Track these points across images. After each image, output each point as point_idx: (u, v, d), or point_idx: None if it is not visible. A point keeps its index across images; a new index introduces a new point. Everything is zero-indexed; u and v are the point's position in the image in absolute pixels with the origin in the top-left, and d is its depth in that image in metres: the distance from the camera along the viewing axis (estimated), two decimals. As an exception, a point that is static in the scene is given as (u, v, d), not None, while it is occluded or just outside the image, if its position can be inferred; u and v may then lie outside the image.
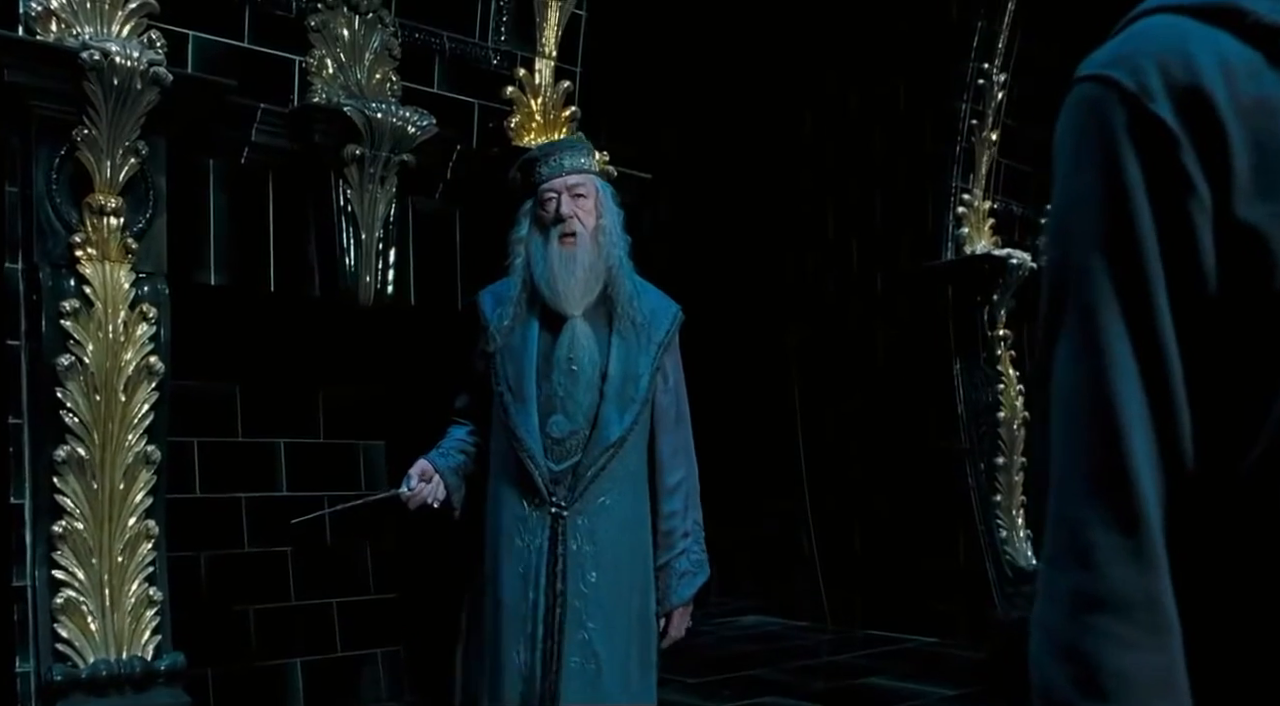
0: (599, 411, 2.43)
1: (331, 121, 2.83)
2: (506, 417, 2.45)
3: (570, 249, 2.44)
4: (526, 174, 2.62)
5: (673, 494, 2.54)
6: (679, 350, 2.61)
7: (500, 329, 2.49)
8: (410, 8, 3.17)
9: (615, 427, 2.43)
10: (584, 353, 2.43)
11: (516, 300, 2.51)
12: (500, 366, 2.49)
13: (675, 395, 2.57)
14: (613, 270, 2.49)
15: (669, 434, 2.54)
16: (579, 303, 2.44)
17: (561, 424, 2.41)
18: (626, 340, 2.48)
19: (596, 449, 2.41)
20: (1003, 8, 4.97)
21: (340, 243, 2.92)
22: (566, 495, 2.41)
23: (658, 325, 2.53)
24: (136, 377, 2.38)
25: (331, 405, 3.40)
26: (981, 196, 5.09)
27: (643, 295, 2.55)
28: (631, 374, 2.46)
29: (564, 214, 2.45)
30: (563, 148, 2.61)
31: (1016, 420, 4.93)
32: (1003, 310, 4.97)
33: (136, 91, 2.36)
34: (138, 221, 2.45)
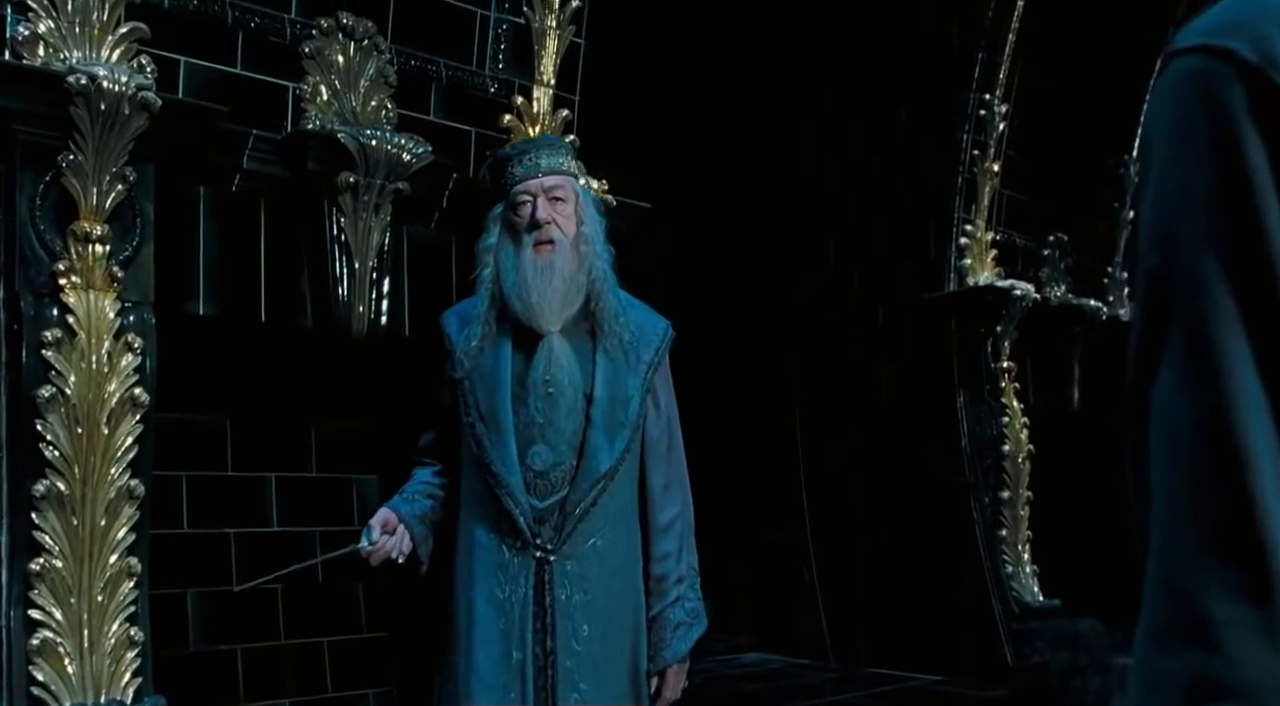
0: (585, 439, 2.15)
1: (325, 148, 2.77)
2: (480, 451, 2.17)
3: (546, 257, 2.18)
4: (497, 174, 2.34)
5: (665, 533, 2.26)
6: (670, 371, 2.34)
7: (467, 351, 2.22)
8: (407, 35, 3.13)
9: (605, 456, 2.15)
10: (563, 372, 2.15)
11: (484, 318, 2.24)
12: (469, 393, 2.21)
13: (667, 421, 2.30)
14: (595, 282, 2.22)
15: (661, 465, 2.27)
16: (556, 317, 2.17)
17: (544, 455, 2.13)
18: (613, 359, 2.21)
19: (585, 482, 2.14)
20: (1004, 39, 4.94)
21: (333, 272, 2.86)
22: (553, 536, 2.12)
23: (646, 343, 2.27)
24: (120, 410, 2.31)
25: (324, 438, 3.32)
26: (984, 227, 5.04)
27: (629, 310, 2.30)
28: (620, 396, 2.20)
29: (540, 219, 2.18)
30: (539, 145, 2.34)
31: (1021, 453, 4.87)
32: (1006, 342, 4.92)
33: (124, 116, 2.30)
34: (124, 249, 2.39)
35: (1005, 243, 5.19)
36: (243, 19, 2.79)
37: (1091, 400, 5.60)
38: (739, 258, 5.86)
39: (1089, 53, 5.43)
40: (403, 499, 2.27)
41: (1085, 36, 5.36)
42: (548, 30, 3.37)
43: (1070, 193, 5.73)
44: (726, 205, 5.90)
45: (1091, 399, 5.60)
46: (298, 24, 2.89)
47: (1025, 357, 5.11)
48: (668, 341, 2.33)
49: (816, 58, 5.28)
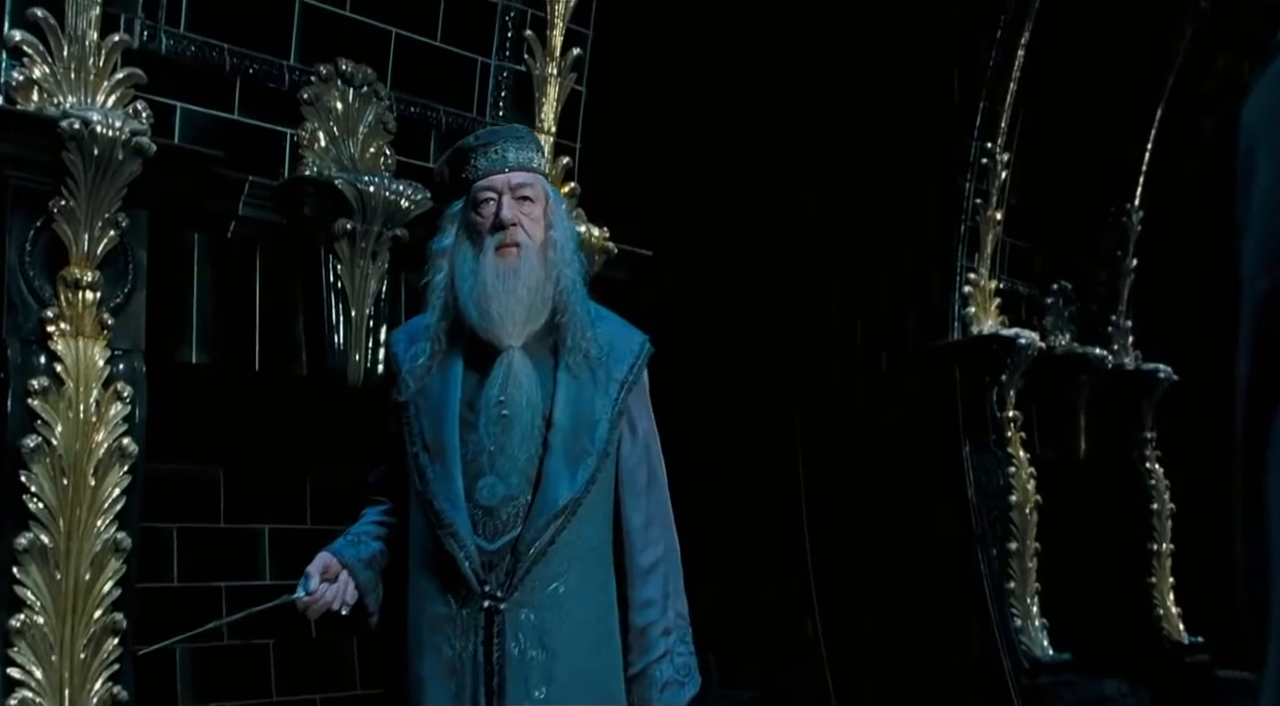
0: (542, 468, 1.88)
1: (322, 194, 2.75)
2: (422, 484, 1.91)
3: (510, 262, 1.91)
4: (457, 167, 2.05)
5: (647, 578, 1.98)
6: (649, 392, 2.06)
7: (413, 371, 1.96)
8: (406, 81, 3.11)
9: (565, 488, 1.87)
10: (520, 392, 1.88)
11: (433, 331, 1.96)
12: (414, 419, 1.95)
13: (646, 449, 2.02)
14: (564, 293, 1.95)
15: (639, 499, 1.99)
16: (519, 330, 1.90)
17: (493, 488, 1.86)
18: (578, 377, 1.94)
19: (541, 517, 1.85)
20: (1005, 87, 4.94)
21: (329, 320, 2.82)
22: (503, 582, 1.84)
23: (619, 359, 2.00)
24: (108, 460, 2.25)
25: (319, 489, 3.26)
26: (987, 275, 5.01)
27: (600, 323, 2.03)
28: (585, 419, 1.92)
29: (505, 218, 1.92)
30: (506, 137, 2.03)
31: (1028, 504, 4.80)
32: (1012, 391, 4.87)
33: (118, 162, 2.27)
34: (115, 296, 2.35)
35: (1009, 291, 5.16)
36: (241, 65, 2.78)
37: (1098, 450, 5.54)
38: (740, 306, 5.83)
39: (1090, 101, 5.44)
40: (347, 541, 2.01)
41: (1086, 85, 5.37)
42: (548, 78, 3.36)
43: (1073, 241, 5.71)
44: (728, 253, 5.88)
45: (1098, 448, 5.54)
46: (296, 70, 2.88)
47: (1031, 407, 5.05)
48: (645, 357, 2.05)
49: (818, 105, 5.28)
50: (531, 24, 3.34)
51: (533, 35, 3.32)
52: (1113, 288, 5.87)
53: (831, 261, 5.46)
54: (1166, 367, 5.76)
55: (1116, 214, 5.84)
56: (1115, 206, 5.83)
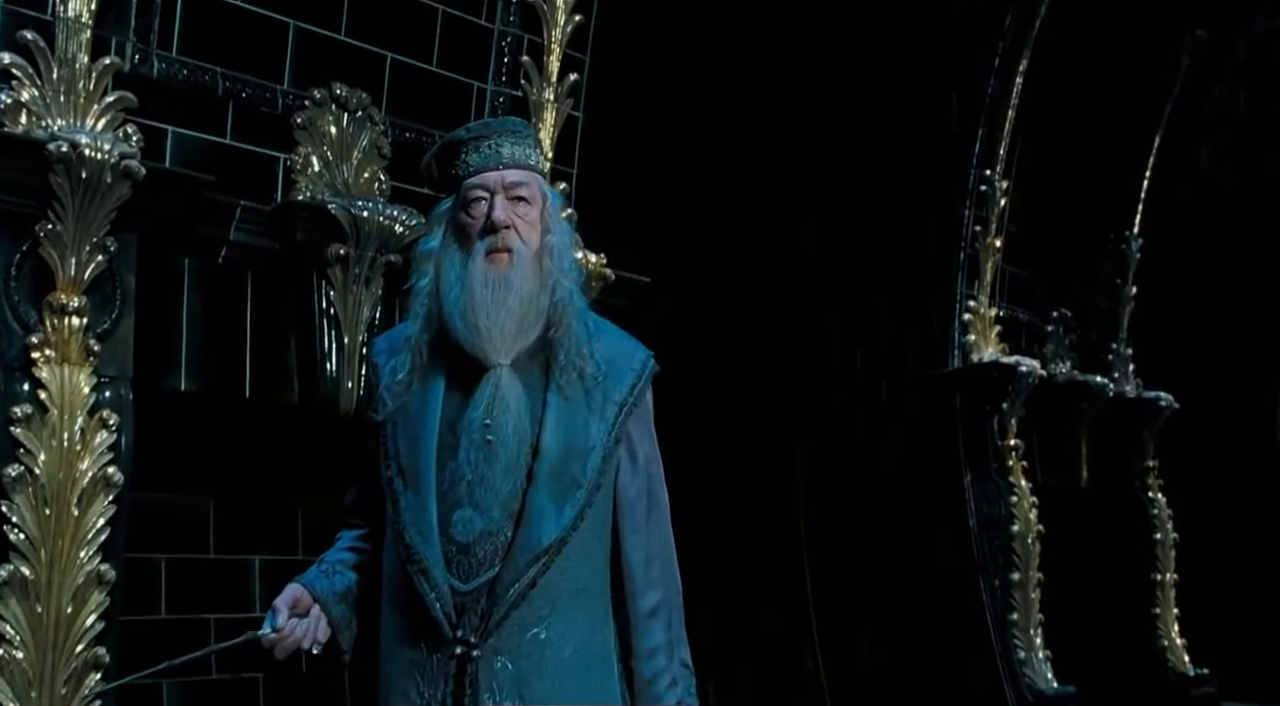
0: (526, 501, 1.71)
1: (315, 219, 2.71)
2: (395, 513, 1.75)
3: (501, 270, 1.74)
4: (446, 163, 1.88)
5: (650, 623, 1.82)
6: (652, 415, 1.89)
7: (392, 387, 1.80)
8: (401, 106, 3.09)
9: (550, 525, 1.71)
10: (508, 416, 1.71)
11: (414, 343, 1.79)
12: (390, 440, 1.80)
13: (647, 478, 1.85)
14: (560, 305, 1.78)
15: (639, 534, 1.82)
16: (509, 346, 1.73)
17: (470, 522, 1.70)
18: (570, 399, 1.78)
19: (522, 557, 1.69)
20: (1004, 115, 4.93)
21: (321, 346, 2.78)
22: (477, 626, 1.68)
23: (618, 378, 1.83)
24: (92, 490, 2.20)
25: (311, 519, 3.20)
26: (987, 303, 4.98)
27: (598, 338, 1.85)
28: (577, 447, 1.76)
29: (497, 219, 1.76)
30: (500, 130, 1.87)
31: (1031, 534, 4.75)
32: (1013, 419, 4.84)
33: (106, 185, 2.24)
34: (102, 322, 2.30)
35: (1009, 318, 5.13)
36: (234, 89, 2.75)
37: (1100, 478, 5.49)
38: (740, 334, 5.79)
39: (1088, 129, 5.43)
40: (320, 572, 1.84)
41: (1084, 113, 5.36)
42: (545, 103, 3.33)
43: (1072, 269, 5.69)
44: (727, 281, 5.85)
45: (1100, 477, 5.49)
46: (290, 94, 2.85)
47: (1031, 435, 5.01)
48: (647, 376, 1.88)
49: (817, 132, 5.27)
50: (528, 50, 3.32)
51: (529, 61, 3.30)
52: (1113, 315, 5.84)
53: (831, 289, 5.43)
54: (1168, 396, 5.72)
55: (1116, 241, 5.82)
56: (1114, 234, 5.82)
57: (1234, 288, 6.38)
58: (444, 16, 3.17)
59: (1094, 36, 5.18)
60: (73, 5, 2.38)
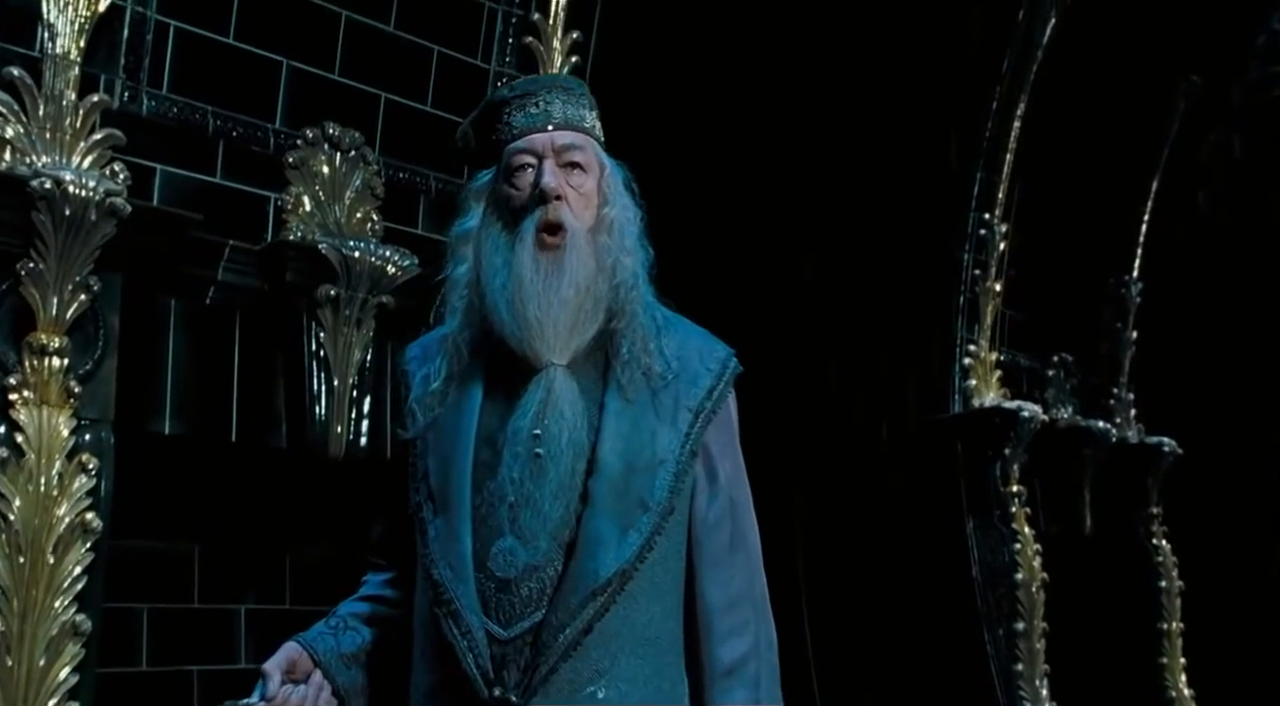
0: (581, 528, 1.42)
1: (305, 259, 2.67)
2: (424, 547, 1.48)
3: (554, 252, 1.47)
4: (486, 127, 1.59)
5: (728, 681, 1.48)
6: (736, 425, 1.65)
7: (425, 398, 1.54)
8: (395, 146, 3.06)
9: (610, 555, 1.41)
10: (561, 424, 1.43)
11: (452, 343, 1.53)
12: (420, 459, 1.54)
13: (729, 502, 1.60)
14: (622, 291, 1.51)
15: (720, 569, 1.53)
16: (564, 343, 1.46)
17: (513, 553, 1.41)
18: (633, 402, 1.49)
19: (574, 595, 1.39)
20: (1002, 158, 4.91)
21: (311, 389, 2.72)
22: (519, 682, 1.38)
23: (692, 378, 1.56)
24: (69, 536, 2.13)
25: (299, 567, 3.13)
26: (987, 347, 4.93)
27: (669, 332, 1.59)
28: (642, 461, 1.46)
29: (547, 187, 1.48)
30: (549, 86, 1.58)
31: (1035, 582, 4.66)
32: (1015, 465, 4.76)
33: (90, 223, 2.19)
34: (84, 363, 2.25)
35: (1009, 363, 5.07)
36: (224, 127, 2.72)
37: (1104, 526, 5.42)
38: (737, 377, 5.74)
39: (1088, 172, 5.42)
40: (327, 627, 1.57)
41: (1083, 156, 5.35)
42: (542, 145, 3.30)
43: (1072, 313, 5.66)
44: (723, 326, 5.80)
45: (1104, 524, 5.42)
46: (282, 134, 2.82)
47: (1034, 482, 4.94)
48: (729, 377, 1.64)
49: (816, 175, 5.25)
50: (524, 91, 3.30)
51: (525, 102, 3.27)
52: (1114, 360, 5.79)
53: (829, 333, 5.38)
54: (1171, 441, 5.66)
55: (1115, 285, 5.79)
56: (1114, 278, 5.79)
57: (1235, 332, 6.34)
58: (439, 56, 3.15)
59: (1091, 80, 5.18)
60: (61, 42, 2.35)
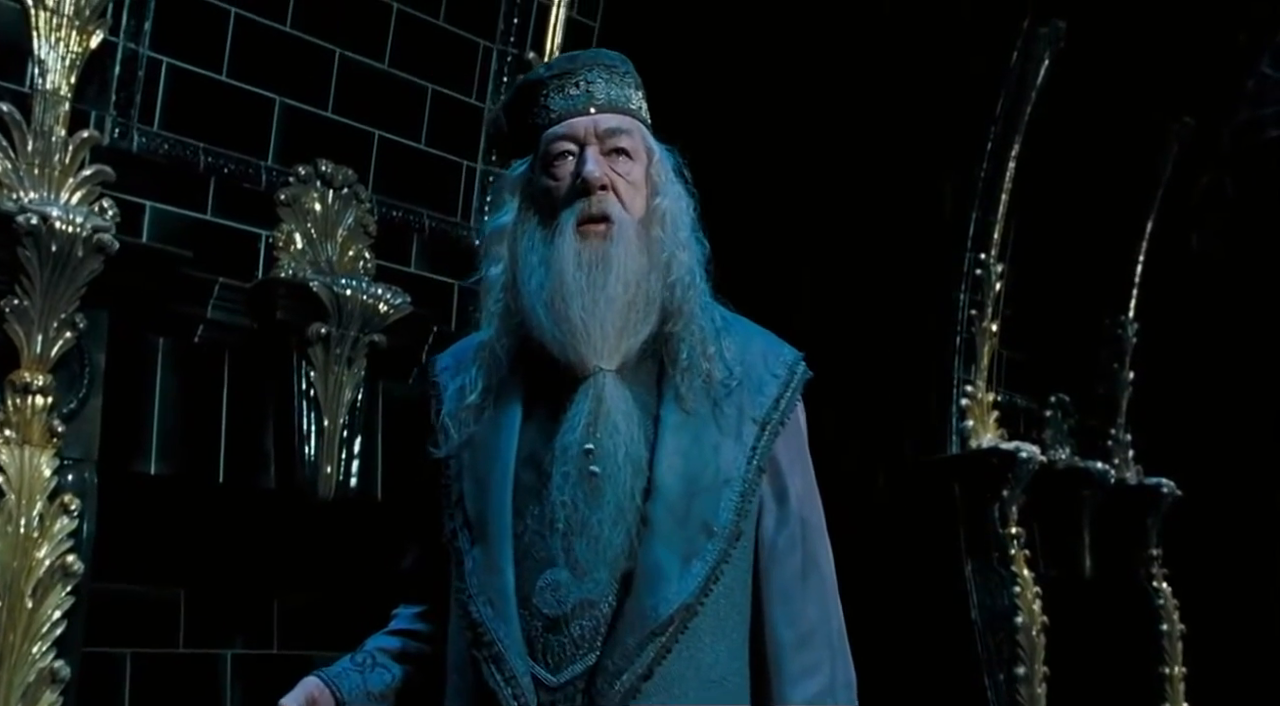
0: (638, 558, 1.27)
1: (296, 297, 2.64)
2: (459, 579, 1.33)
3: (598, 246, 1.32)
4: (520, 111, 1.44)
5: None
6: (806, 438, 1.46)
7: (459, 412, 1.38)
8: (388, 184, 3.04)
9: (672, 589, 1.26)
10: (614, 439, 1.28)
11: (488, 351, 1.37)
12: (454, 482, 1.38)
13: (802, 524, 1.43)
14: (678, 289, 1.36)
15: (789, 602, 1.37)
16: (612, 346, 1.30)
17: (564, 588, 1.26)
18: (693, 414, 1.34)
19: (633, 635, 1.24)
20: (997, 198, 4.91)
21: (300, 429, 2.68)
22: None
23: (756, 385, 1.43)
24: (49, 580, 2.08)
25: (287, 612, 3.07)
26: (984, 388, 4.90)
27: (730, 333, 1.44)
28: (704, 480, 1.32)
29: (590, 176, 1.34)
30: (590, 64, 1.41)
31: (1035, 626, 4.59)
32: (1014, 507, 4.71)
33: (77, 259, 2.16)
34: (68, 401, 2.21)
35: (1006, 403, 5.04)
36: (216, 164, 2.70)
37: (1104, 568, 5.36)
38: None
39: (1083, 213, 5.42)
40: (353, 663, 1.45)
41: (1078, 197, 5.35)
42: (537, 184, 3.29)
43: (1069, 353, 5.63)
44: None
45: (1104, 567, 5.36)
46: (274, 171, 2.80)
47: (1033, 524, 4.88)
48: (798, 384, 1.47)
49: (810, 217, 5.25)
50: (518, 129, 3.28)
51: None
52: (1111, 400, 5.76)
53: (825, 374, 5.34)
54: (1170, 482, 5.61)
55: (1111, 326, 5.78)
56: (1110, 318, 5.77)
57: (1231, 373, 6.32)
58: (434, 94, 3.14)
59: (1085, 122, 5.19)
60: (51, 78, 2.33)
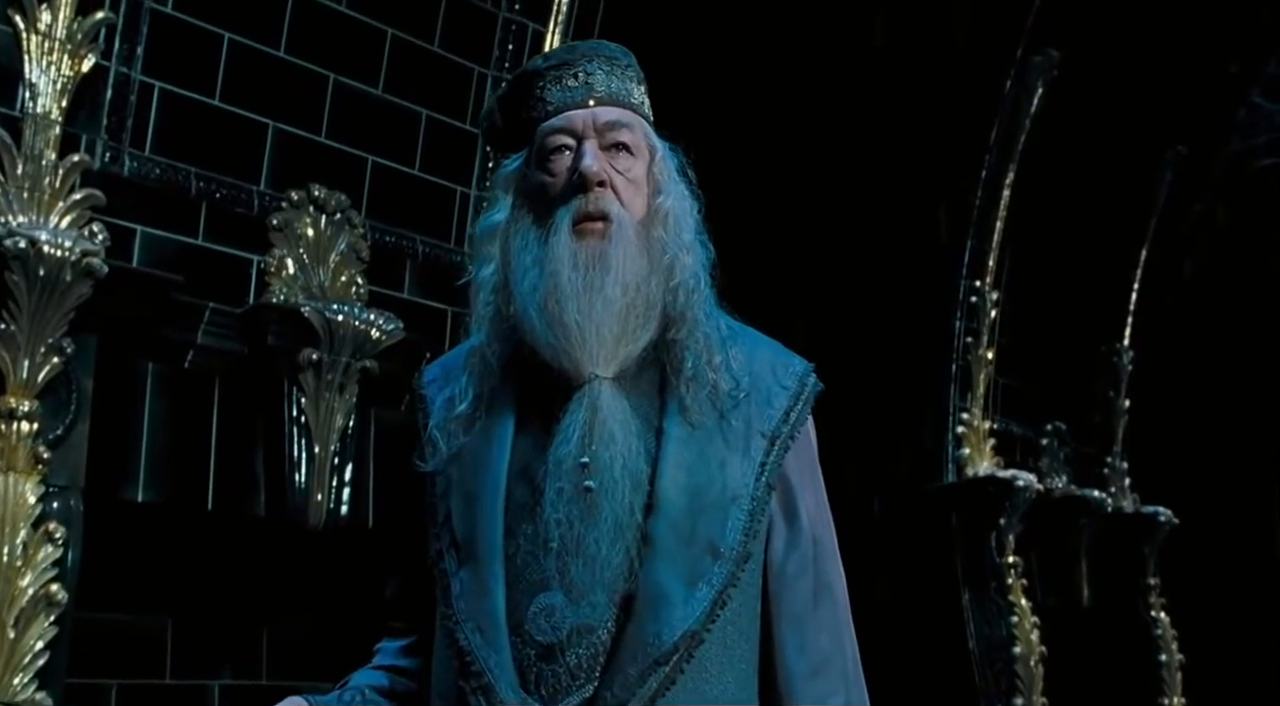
0: (639, 580, 1.18)
1: (287, 322, 2.62)
2: (445, 603, 1.25)
3: (596, 243, 1.24)
4: (515, 104, 1.36)
5: None
6: (816, 454, 1.36)
7: (448, 423, 1.28)
8: (381, 209, 3.02)
9: (677, 613, 1.18)
10: (613, 451, 1.19)
11: (478, 358, 1.28)
12: (441, 500, 1.29)
13: (813, 544, 1.31)
14: (681, 293, 1.26)
15: (801, 630, 1.29)
16: (609, 352, 1.21)
17: (558, 612, 1.18)
18: (698, 427, 1.25)
19: (634, 663, 1.16)
20: (992, 226, 4.91)
21: (290, 456, 2.66)
22: None
23: (765, 397, 1.30)
24: (32, 609, 2.05)
25: (276, 641, 3.03)
26: (980, 416, 4.87)
27: (735, 343, 1.32)
28: (710, 497, 1.23)
29: (588, 171, 1.25)
30: (590, 55, 1.34)
31: (1033, 656, 4.55)
32: (1011, 536, 4.68)
33: (65, 283, 2.15)
34: (55, 427, 2.19)
35: (1003, 431, 5.01)
36: (207, 189, 2.68)
37: (1101, 597, 5.31)
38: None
39: (1077, 241, 5.42)
40: (340, 702, 1.34)
41: (1072, 225, 5.36)
42: (532, 213, 3.28)
43: (1065, 380, 5.62)
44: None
45: (1101, 596, 5.31)
46: (266, 196, 2.78)
47: (1030, 552, 4.85)
48: (809, 397, 1.34)
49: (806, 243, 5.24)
50: (514, 154, 3.27)
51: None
52: (1107, 428, 5.74)
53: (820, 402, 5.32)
54: (1167, 511, 5.58)
55: (1107, 353, 5.76)
56: (1105, 346, 5.76)
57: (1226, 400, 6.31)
58: (428, 120, 3.13)
59: (1079, 150, 5.20)
60: (43, 102, 2.32)
